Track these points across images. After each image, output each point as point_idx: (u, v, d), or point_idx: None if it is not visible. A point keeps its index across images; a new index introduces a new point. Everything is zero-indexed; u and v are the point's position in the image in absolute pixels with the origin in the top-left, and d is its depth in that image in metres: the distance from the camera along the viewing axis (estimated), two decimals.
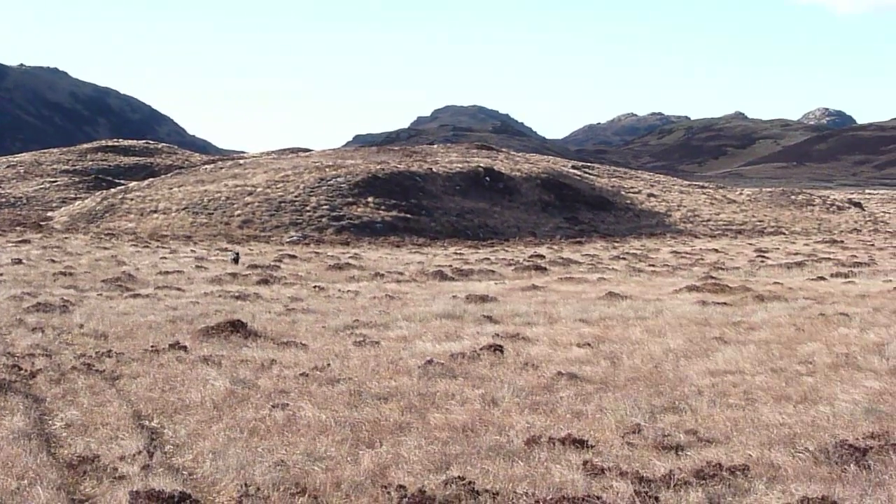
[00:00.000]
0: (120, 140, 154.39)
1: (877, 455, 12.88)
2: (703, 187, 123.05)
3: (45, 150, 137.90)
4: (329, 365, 19.21)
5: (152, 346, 21.11)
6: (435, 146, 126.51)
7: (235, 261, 21.99)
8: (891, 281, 38.93)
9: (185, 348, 20.79)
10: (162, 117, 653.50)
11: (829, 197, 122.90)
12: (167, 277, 39.73)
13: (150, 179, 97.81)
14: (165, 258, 51.15)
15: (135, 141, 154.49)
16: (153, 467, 12.48)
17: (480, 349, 20.67)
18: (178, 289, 34.73)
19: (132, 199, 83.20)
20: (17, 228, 72.45)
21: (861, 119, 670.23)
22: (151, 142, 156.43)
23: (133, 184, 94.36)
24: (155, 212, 78.36)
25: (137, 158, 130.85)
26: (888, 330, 23.75)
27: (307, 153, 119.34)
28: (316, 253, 58.71)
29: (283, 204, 78.54)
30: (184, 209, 78.20)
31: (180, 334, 22.94)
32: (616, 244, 74.33)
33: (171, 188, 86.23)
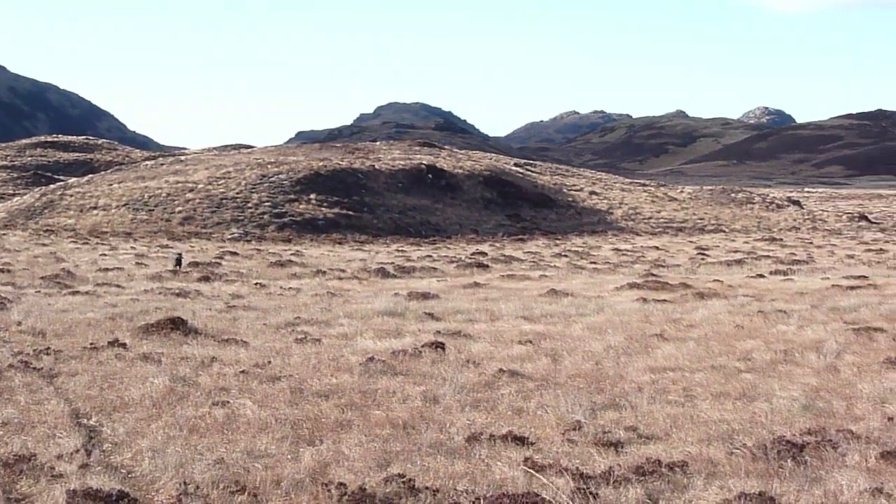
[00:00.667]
0: (59, 136, 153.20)
1: (814, 451, 12.98)
2: (644, 185, 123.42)
3: None
4: (270, 362, 19.19)
5: (91, 344, 20.96)
6: (378, 143, 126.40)
7: (178, 262, 21.60)
8: (829, 278, 39.24)
9: (124, 346, 20.66)
10: (102, 113, 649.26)
11: (768, 195, 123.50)
12: (107, 274, 39.47)
13: (90, 176, 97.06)
14: (105, 255, 50.84)
15: (75, 137, 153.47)
16: (91, 466, 12.38)
17: (422, 346, 20.67)
18: (118, 286, 34.55)
19: (72, 196, 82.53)
20: None
21: (800, 118, 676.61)
22: (91, 138, 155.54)
23: (73, 180, 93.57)
24: (95, 208, 77.80)
25: (77, 154, 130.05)
26: (826, 327, 24.00)
27: (249, 150, 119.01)
28: (257, 250, 58.58)
29: (224, 201, 78.22)
30: (124, 206, 77.67)
31: (120, 332, 22.80)
32: (558, 242, 74.52)
33: (111, 185, 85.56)
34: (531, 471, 12.20)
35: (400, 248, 63.91)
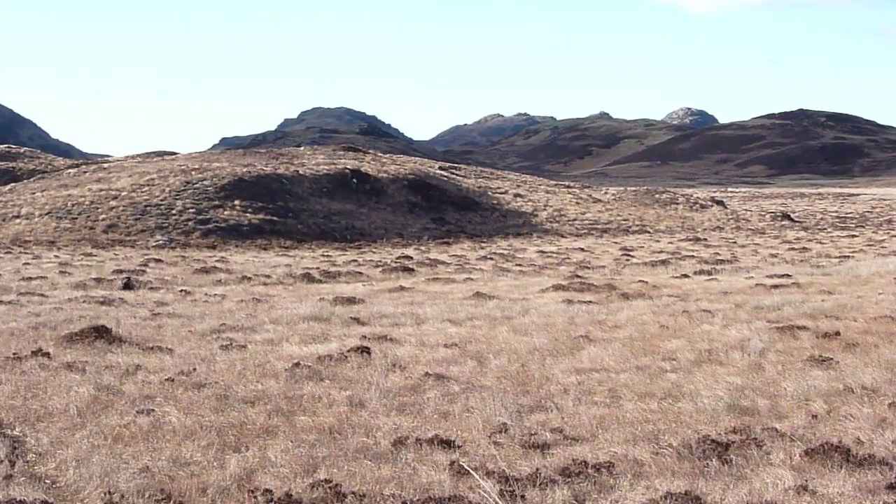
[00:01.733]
0: None
1: (738, 449, 13.10)
2: (568, 187, 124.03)
3: None
4: (195, 369, 19.07)
5: (14, 354, 20.73)
6: (302, 148, 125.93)
7: (127, 286, 20.82)
8: (752, 277, 39.55)
9: (48, 355, 20.46)
10: (24, 121, 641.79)
11: (692, 195, 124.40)
12: (30, 283, 39.08)
13: (12, 184, 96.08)
14: (28, 264, 50.32)
15: None
16: (15, 476, 12.29)
17: (348, 351, 20.67)
18: (42, 294, 34.22)
19: None
20: None
21: (722, 118, 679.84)
22: (13, 146, 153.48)
23: (3, 188, 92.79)
24: (17, 217, 77.04)
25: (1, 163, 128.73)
26: (749, 326, 24.19)
27: (173, 156, 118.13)
28: (182, 257, 58.25)
29: (148, 208, 77.71)
30: (47, 214, 76.97)
31: (43, 341, 22.58)
32: (483, 244, 74.65)
33: (33, 193, 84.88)
34: (460, 473, 12.25)
35: (325, 253, 63.73)
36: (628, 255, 61.18)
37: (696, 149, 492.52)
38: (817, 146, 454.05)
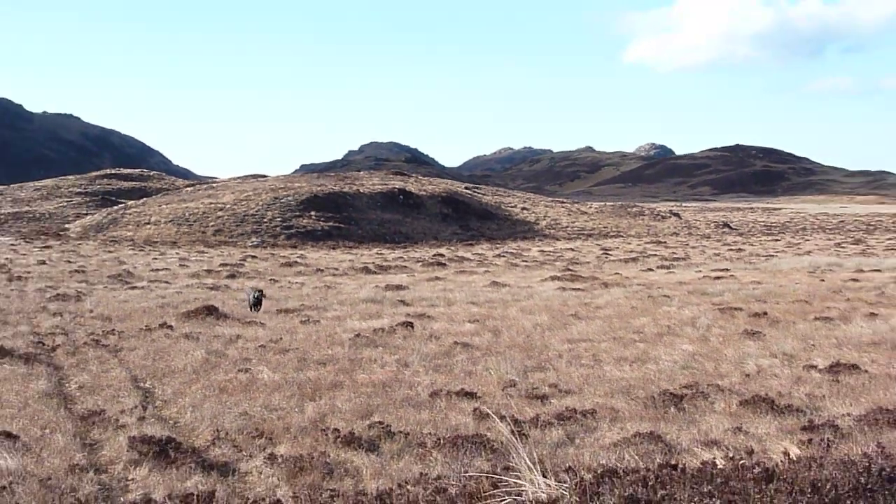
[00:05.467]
0: (120, 169, 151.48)
1: (690, 400, 13.06)
2: (562, 202, 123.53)
3: (63, 178, 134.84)
4: (281, 338, 19.11)
5: (146, 326, 20.87)
6: (361, 173, 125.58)
7: (258, 303, 20.01)
8: (700, 271, 39.44)
9: (171, 327, 20.58)
10: (152, 151, 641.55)
11: (655, 209, 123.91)
12: (157, 273, 39.26)
13: (144, 199, 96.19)
14: (156, 258, 50.52)
15: (132, 170, 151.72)
16: (146, 418, 12.35)
17: (396, 325, 20.65)
18: (166, 282, 34.37)
19: (130, 214, 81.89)
20: (42, 237, 71.29)
21: (679, 150, 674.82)
22: (145, 171, 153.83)
23: (131, 202, 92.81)
24: (148, 223, 77.25)
25: (134, 183, 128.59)
26: (698, 307, 24.13)
27: (264, 178, 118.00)
28: (271, 254, 58.26)
29: (246, 217, 77.82)
30: (170, 221, 77.18)
31: (167, 316, 22.70)
32: (498, 245, 74.39)
33: (160, 206, 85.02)
34: (480, 417, 12.24)
35: (378, 252, 63.66)
36: (607, 254, 60.92)
37: (658, 174, 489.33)
38: (750, 172, 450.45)
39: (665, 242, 78.82)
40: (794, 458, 7.23)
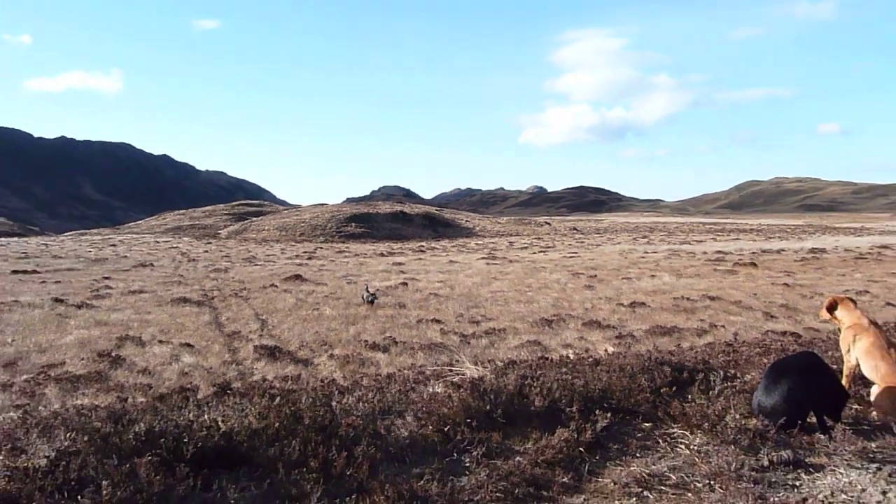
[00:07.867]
0: (248, 201, 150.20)
1: (556, 324, 13.13)
2: (489, 217, 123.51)
3: (216, 206, 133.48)
4: (336, 292, 19.02)
5: (262, 286, 20.69)
6: (378, 202, 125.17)
7: (372, 302, 19.44)
8: (561, 253, 39.56)
9: (275, 286, 20.39)
10: (264, 190, 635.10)
11: (537, 220, 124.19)
12: (268, 256, 38.86)
13: (261, 217, 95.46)
14: (268, 249, 50.08)
15: (253, 201, 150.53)
16: (263, 335, 12.30)
17: (398, 284, 20.63)
18: (273, 262, 34.07)
19: (254, 225, 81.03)
20: (205, 238, 70.52)
21: (549, 188, 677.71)
22: (262, 202, 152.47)
23: (254, 219, 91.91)
24: (263, 230, 76.42)
25: (255, 208, 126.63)
26: (560, 274, 24.12)
27: (325, 205, 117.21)
28: (331, 246, 57.82)
29: (316, 226, 77.26)
30: (275, 229, 76.39)
31: (274, 280, 22.50)
32: (453, 242, 74.38)
33: (269, 220, 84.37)
34: (443, 332, 12.25)
35: (389, 245, 63.45)
36: (511, 245, 60.99)
37: (539, 201, 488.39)
38: (588, 200, 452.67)
39: (542, 239, 78.87)
40: (611, 353, 7.32)
